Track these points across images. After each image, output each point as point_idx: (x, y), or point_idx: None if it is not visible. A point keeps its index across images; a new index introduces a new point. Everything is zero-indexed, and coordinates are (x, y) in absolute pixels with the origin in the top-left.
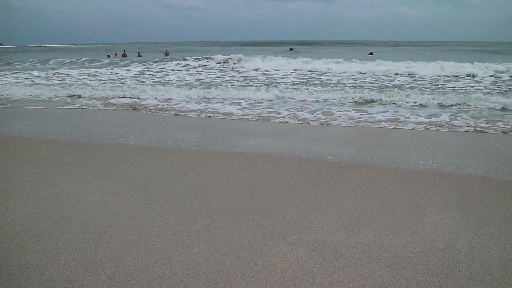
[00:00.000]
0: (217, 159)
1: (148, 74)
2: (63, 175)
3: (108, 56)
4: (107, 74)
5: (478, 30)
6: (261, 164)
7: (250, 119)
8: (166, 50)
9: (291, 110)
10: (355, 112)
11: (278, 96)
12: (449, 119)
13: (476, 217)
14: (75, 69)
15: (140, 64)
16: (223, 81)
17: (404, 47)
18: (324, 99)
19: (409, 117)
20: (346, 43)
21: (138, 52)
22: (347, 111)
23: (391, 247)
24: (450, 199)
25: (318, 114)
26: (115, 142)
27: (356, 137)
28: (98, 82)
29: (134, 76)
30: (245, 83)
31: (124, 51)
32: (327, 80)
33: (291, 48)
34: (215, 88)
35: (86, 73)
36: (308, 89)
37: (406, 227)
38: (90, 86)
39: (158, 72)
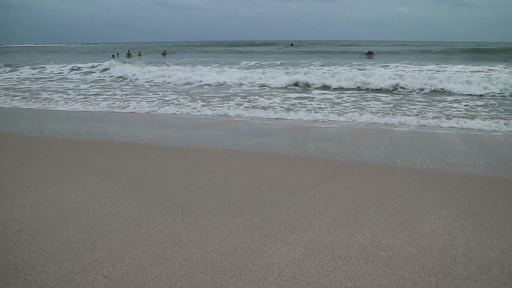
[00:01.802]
0: (215, 158)
1: None
2: (61, 174)
3: (113, 56)
4: None
5: (476, 30)
6: (259, 164)
7: (248, 119)
8: (164, 50)
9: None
10: None
11: None
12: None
13: (474, 217)
14: None
15: None
16: None
17: (390, 46)
18: None
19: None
20: (346, 42)
21: (139, 52)
22: None
23: (388, 247)
24: (448, 198)
25: None
26: (113, 141)
27: (354, 136)
28: None
29: None
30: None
31: (129, 51)
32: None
33: (291, 44)
34: None
35: None
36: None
37: (403, 227)
38: None
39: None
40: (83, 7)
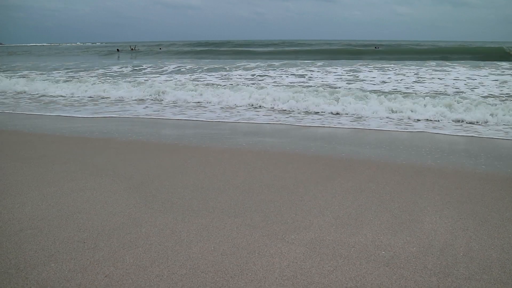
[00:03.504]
0: (216, 158)
1: None
2: (61, 174)
3: (117, 50)
4: None
5: (475, 30)
6: (260, 163)
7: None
8: (160, 47)
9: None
10: None
11: None
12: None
13: (475, 217)
14: None
15: None
16: None
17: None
18: None
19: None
20: (346, 42)
21: (135, 46)
22: None
23: (390, 247)
24: (449, 198)
25: None
26: (113, 139)
27: (354, 136)
28: None
29: None
30: None
31: (131, 47)
32: None
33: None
34: None
35: None
36: None
37: (404, 227)
38: None
39: None
40: (82, 7)
